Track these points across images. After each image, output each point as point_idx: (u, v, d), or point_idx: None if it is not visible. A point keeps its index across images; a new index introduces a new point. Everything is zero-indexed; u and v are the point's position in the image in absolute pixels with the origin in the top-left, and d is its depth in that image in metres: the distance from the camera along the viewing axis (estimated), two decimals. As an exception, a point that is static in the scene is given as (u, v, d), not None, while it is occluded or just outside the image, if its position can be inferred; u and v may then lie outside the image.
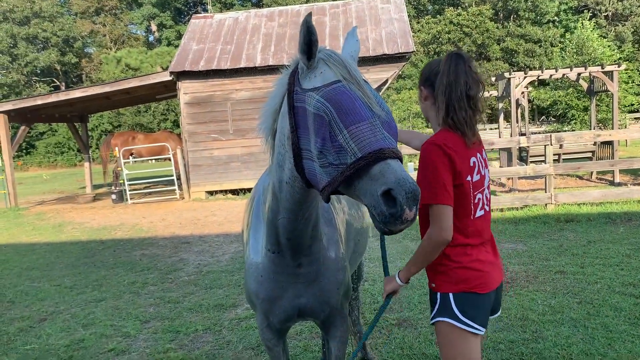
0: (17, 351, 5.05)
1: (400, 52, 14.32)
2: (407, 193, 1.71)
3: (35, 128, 45.96)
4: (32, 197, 19.64)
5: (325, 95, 1.90)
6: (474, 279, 2.41)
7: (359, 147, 1.81)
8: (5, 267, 8.72)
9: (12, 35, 47.13)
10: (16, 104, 15.53)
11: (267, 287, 2.53)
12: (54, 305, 6.39)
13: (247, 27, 16.33)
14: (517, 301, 5.29)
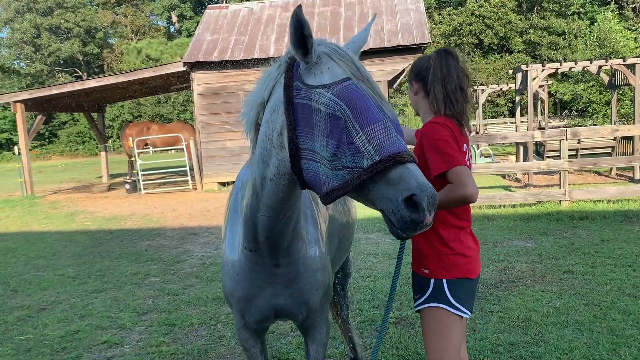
0: (13, 341, 5.03)
1: (415, 44, 14.07)
2: (429, 198, 1.67)
3: (58, 117, 46.61)
4: (50, 186, 19.88)
5: (338, 93, 1.78)
6: (465, 264, 2.51)
7: (376, 149, 1.72)
8: (14, 255, 8.78)
9: (35, 26, 47.72)
10: (32, 94, 15.67)
11: (243, 285, 2.42)
12: (55, 295, 6.39)
13: (261, 17, 16.21)
14: (521, 301, 5.11)
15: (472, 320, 4.73)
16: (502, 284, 5.65)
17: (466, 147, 2.57)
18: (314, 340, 2.64)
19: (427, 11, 44.68)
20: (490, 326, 4.58)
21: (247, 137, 2.21)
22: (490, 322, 4.68)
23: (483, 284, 5.67)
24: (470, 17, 41.37)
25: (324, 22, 15.48)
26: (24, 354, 4.72)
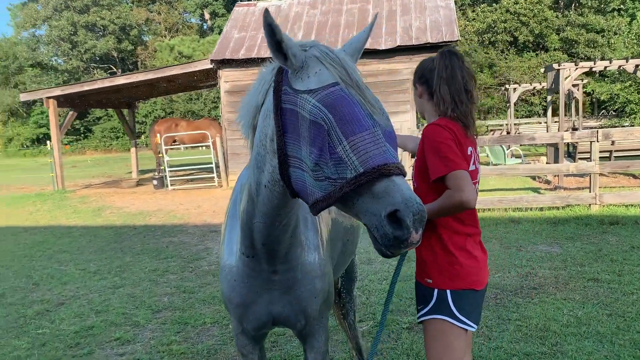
0: (29, 335, 5.11)
1: (444, 41, 13.81)
2: (415, 214, 1.55)
3: (93, 113, 47.64)
4: (81, 181, 20.29)
5: (323, 99, 1.69)
6: (471, 275, 2.41)
7: (361, 160, 1.62)
8: (40, 248, 8.96)
9: (72, 23, 48.84)
10: (64, 90, 16.00)
11: (240, 292, 2.37)
12: (75, 290, 6.48)
13: (289, 15, 16.17)
14: (540, 309, 4.92)
15: (487, 328, 4.59)
16: (523, 291, 5.47)
17: (472, 150, 2.48)
18: (312, 348, 2.57)
19: (460, 8, 44.10)
20: (506, 335, 4.43)
21: (247, 139, 2.14)
22: (507, 330, 4.52)
23: (502, 290, 5.50)
24: (505, 14, 40.50)
25: (351, 20, 15.36)
26: (38, 348, 4.78)
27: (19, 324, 5.41)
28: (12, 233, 10.55)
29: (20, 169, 29.96)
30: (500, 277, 5.94)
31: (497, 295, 5.39)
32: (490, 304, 5.13)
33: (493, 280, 5.82)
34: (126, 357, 4.53)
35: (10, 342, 4.95)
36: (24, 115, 50.69)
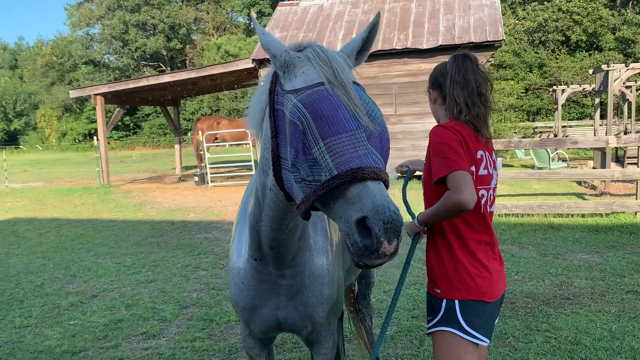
0: (62, 325, 5.27)
1: (488, 41, 13.50)
2: (386, 223, 1.46)
3: (142, 110, 48.99)
4: (127, 175, 20.87)
5: (304, 99, 1.65)
6: (481, 286, 2.31)
7: (336, 163, 1.56)
8: (80, 241, 9.25)
9: (124, 22, 50.30)
10: (111, 87, 16.49)
11: (247, 294, 2.36)
12: (109, 283, 6.64)
13: (330, 14, 16.15)
14: (572, 321, 4.72)
15: (514, 338, 4.44)
16: (555, 301, 5.27)
17: (483, 154, 2.38)
18: (319, 354, 2.54)
19: (510, 6, 43.04)
20: (533, 346, 4.27)
21: (258, 141, 2.14)
22: (534, 341, 4.36)
23: (533, 299, 5.31)
24: (557, 13, 39.23)
25: (393, 19, 15.20)
26: (68, 338, 4.92)
27: (53, 314, 5.59)
28: (56, 225, 10.95)
29: (71, 163, 31.09)
30: (533, 285, 5.75)
31: (527, 304, 5.21)
32: (520, 313, 4.97)
33: (525, 288, 5.64)
34: (150, 351, 4.60)
35: (44, 331, 5.12)
36: (77, 111, 52.60)
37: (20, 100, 55.60)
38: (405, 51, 14.04)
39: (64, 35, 58.12)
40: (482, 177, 2.37)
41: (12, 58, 73.50)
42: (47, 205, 13.91)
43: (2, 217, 12.34)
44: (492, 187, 2.46)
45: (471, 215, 2.34)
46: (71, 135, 51.86)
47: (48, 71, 55.68)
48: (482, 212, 2.37)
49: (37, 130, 55.98)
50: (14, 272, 7.27)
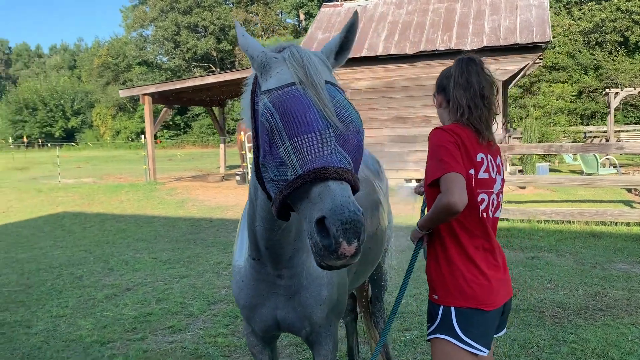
0: (95, 316, 5.47)
1: (534, 42, 13.12)
2: (345, 224, 1.45)
3: (192, 110, 50.14)
4: (174, 173, 21.42)
5: (274, 99, 1.67)
6: (478, 294, 2.26)
7: (301, 163, 1.58)
8: (121, 236, 9.57)
9: (176, 24, 51.63)
10: (158, 87, 16.96)
11: (247, 293, 2.40)
12: (143, 277, 6.85)
13: (374, 15, 16.08)
14: (602, 333, 4.55)
15: (538, 348, 4.32)
16: (587, 312, 5.08)
17: (484, 157, 2.34)
18: (319, 355, 2.54)
19: (565, 6, 41.68)
20: (557, 357, 4.14)
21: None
22: (559, 352, 4.22)
23: (564, 309, 5.14)
24: (615, 13, 37.69)
25: (437, 19, 15.00)
26: (99, 329, 5.11)
27: (88, 306, 5.81)
28: (101, 220, 11.37)
29: (122, 160, 32.17)
30: (565, 294, 5.56)
31: (557, 313, 5.05)
32: (547, 322, 4.83)
33: (556, 297, 5.47)
34: (174, 345, 4.72)
35: (77, 321, 5.34)
36: (131, 110, 54.35)
37: (78, 99, 57.91)
38: (448, 52, 13.82)
39: (119, 37, 60.26)
40: (482, 181, 2.32)
41: (71, 59, 76.84)
42: (94, 200, 14.45)
43: (53, 210, 12.91)
44: (496, 192, 2.40)
45: (469, 220, 2.30)
46: (124, 134, 53.65)
47: (104, 71, 57.83)
48: (480, 216, 2.32)
49: (92, 128, 58.18)
50: (57, 264, 7.60)
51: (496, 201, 2.41)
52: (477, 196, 2.30)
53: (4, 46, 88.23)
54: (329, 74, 1.83)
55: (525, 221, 9.02)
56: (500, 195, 2.44)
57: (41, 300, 6.01)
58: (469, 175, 2.26)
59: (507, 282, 2.42)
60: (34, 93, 55.95)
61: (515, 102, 34.98)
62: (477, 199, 2.30)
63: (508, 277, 2.44)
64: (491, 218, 2.39)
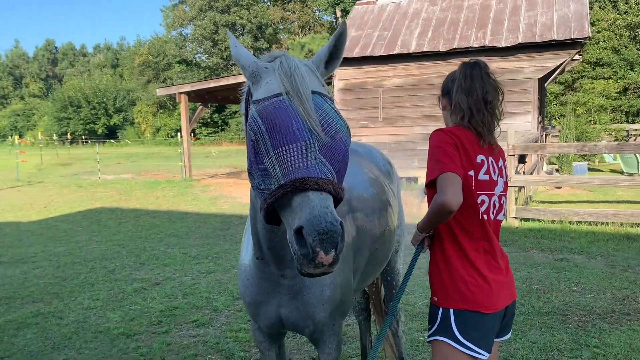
0: (123, 309, 5.66)
1: (572, 38, 12.80)
2: (321, 234, 1.51)
3: (229, 107, 50.80)
4: (210, 170, 21.78)
5: (262, 109, 1.73)
6: (479, 297, 2.25)
7: (284, 173, 1.64)
8: (154, 231, 9.83)
9: (214, 23, 52.43)
10: (194, 86, 17.29)
11: (252, 291, 2.46)
12: (172, 272, 7.03)
13: (407, 12, 15.97)
14: (627, 338, 4.44)
15: (558, 351, 4.25)
16: (613, 316, 4.96)
17: (484, 159, 2.33)
18: (322, 353, 2.58)
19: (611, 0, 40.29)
20: (577, 362, 4.07)
21: None
22: (580, 356, 4.15)
23: (589, 313, 5.04)
24: (663, 6, 36.31)
25: (471, 16, 14.78)
26: (127, 322, 5.28)
27: (117, 299, 6.01)
28: (136, 215, 11.69)
29: (161, 157, 32.87)
30: (592, 298, 5.45)
31: (581, 317, 4.95)
32: (570, 326, 4.74)
33: (582, 300, 5.36)
34: (197, 338, 4.84)
35: (107, 313, 5.53)
36: (170, 108, 55.46)
37: (120, 97, 59.44)
38: (482, 49, 13.62)
39: (160, 36, 61.55)
40: (481, 182, 2.31)
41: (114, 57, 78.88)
42: (131, 196, 14.85)
43: (91, 206, 13.34)
44: (498, 194, 2.39)
45: (468, 222, 2.30)
46: (164, 131, 54.79)
47: (145, 70, 59.23)
48: (480, 218, 2.31)
49: (134, 125, 59.64)
50: (91, 258, 7.87)
51: (498, 204, 2.40)
52: (477, 197, 2.29)
53: (51, 46, 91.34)
54: (318, 84, 1.86)
55: (556, 222, 8.84)
56: (502, 198, 2.42)
57: (74, 292, 6.24)
58: (467, 177, 2.26)
59: (510, 285, 2.40)
60: (78, 91, 57.71)
61: (556, 99, 34.13)
62: (477, 201, 2.29)
63: (511, 280, 2.42)
64: (492, 220, 2.38)
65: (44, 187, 17.51)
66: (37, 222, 11.29)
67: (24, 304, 5.88)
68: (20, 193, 16.16)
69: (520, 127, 13.14)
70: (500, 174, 2.42)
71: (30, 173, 22.49)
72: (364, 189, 2.91)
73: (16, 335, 4.98)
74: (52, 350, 4.64)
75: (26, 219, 11.72)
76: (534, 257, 7.09)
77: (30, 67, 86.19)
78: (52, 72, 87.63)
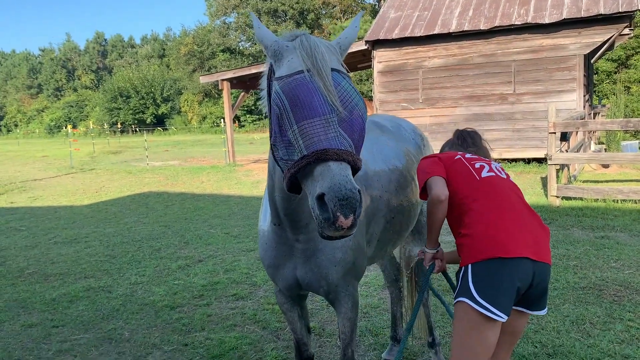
0: (168, 284, 5.95)
1: (619, 12, 12.33)
2: (341, 200, 1.66)
3: (272, 94, 51.24)
4: (253, 156, 22.15)
5: (285, 86, 1.87)
6: (498, 243, 2.24)
7: (306, 144, 1.78)
8: (198, 213, 10.17)
9: (257, 10, 52.78)
10: (235, 72, 17.58)
11: (270, 254, 2.63)
12: (214, 250, 7.30)
13: (448, -10, 15.70)
14: (663, 312, 4.38)
15: (591, 324, 4.25)
16: (651, 291, 4.89)
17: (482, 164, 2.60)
18: (339, 313, 2.72)
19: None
20: (609, 334, 4.06)
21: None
22: (612, 330, 4.13)
23: (625, 287, 4.98)
24: None
25: (514, -8, 14.42)
26: (170, 295, 5.56)
27: (162, 275, 6.31)
28: (182, 199, 12.09)
29: (207, 144, 33.59)
30: (631, 274, 5.37)
31: (617, 292, 4.90)
32: (605, 300, 4.71)
33: (620, 276, 5.29)
34: (236, 310, 5.07)
35: (152, 288, 5.83)
36: (216, 96, 56.41)
37: (167, 86, 60.86)
38: (525, 26, 13.31)
39: (204, 25, 62.43)
40: (472, 159, 2.66)
41: (160, 48, 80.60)
42: (178, 181, 15.34)
43: (140, 190, 13.87)
44: (498, 166, 2.66)
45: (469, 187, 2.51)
46: (210, 119, 55.82)
47: (190, 59, 60.31)
48: (479, 178, 2.52)
49: (181, 114, 61.01)
50: (139, 238, 8.25)
51: (503, 172, 2.61)
52: (473, 166, 2.59)
53: (101, 38, 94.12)
54: (337, 62, 1.99)
55: (600, 200, 8.64)
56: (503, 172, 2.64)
57: (122, 269, 6.59)
58: (458, 160, 2.62)
59: (537, 238, 2.33)
60: (127, 82, 59.42)
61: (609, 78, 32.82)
62: (475, 167, 2.58)
63: (540, 235, 2.36)
64: (502, 178, 2.55)
65: (95, 173, 18.29)
66: (89, 205, 11.86)
67: (77, 279, 6.26)
68: (74, 179, 16.95)
69: (565, 106, 12.83)
70: (500, 170, 2.65)
71: (83, 161, 23.49)
72: (383, 160, 3.01)
73: (69, 307, 5.33)
74: (102, 320, 4.95)
75: (79, 203, 12.32)
76: (574, 235, 6.99)
77: (82, 60, 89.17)
78: (103, 64, 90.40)
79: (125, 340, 4.47)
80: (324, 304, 5.02)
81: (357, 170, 1.84)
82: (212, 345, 4.26)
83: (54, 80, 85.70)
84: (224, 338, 4.37)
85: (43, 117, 73.02)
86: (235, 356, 4.06)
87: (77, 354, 4.25)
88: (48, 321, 4.95)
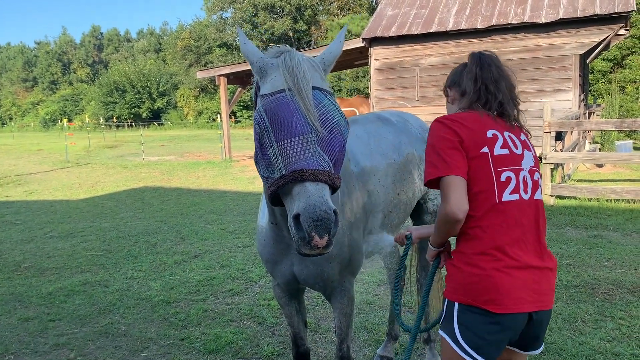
0: (164, 279, 5.98)
1: (616, 12, 12.38)
2: (315, 221, 1.72)
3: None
4: (248, 152, 22.10)
5: (267, 105, 1.92)
6: (488, 290, 1.92)
7: (285, 164, 1.84)
8: (195, 208, 10.19)
9: (254, 5, 52.67)
10: (232, 68, 17.57)
11: (268, 251, 2.68)
12: (211, 246, 7.33)
13: (446, -11, 15.73)
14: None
15: (583, 322, 4.31)
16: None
17: (496, 133, 2.05)
18: (335, 309, 2.77)
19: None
20: (600, 332, 4.12)
21: None
22: (604, 327, 4.20)
23: (617, 286, 5.05)
24: None
25: (511, -8, 14.46)
26: (167, 290, 5.60)
27: (159, 270, 6.34)
28: (178, 194, 12.12)
29: (203, 139, 33.53)
30: (622, 273, 5.44)
31: (609, 290, 4.97)
32: (597, 299, 4.77)
33: (612, 275, 5.36)
34: (232, 306, 5.11)
35: (148, 283, 5.86)
36: (212, 91, 56.28)
37: (163, 81, 60.64)
38: (522, 26, 13.35)
39: (201, 20, 62.25)
40: (498, 157, 2.02)
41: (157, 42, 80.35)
42: (174, 176, 15.35)
43: (136, 185, 13.88)
44: (528, 169, 2.07)
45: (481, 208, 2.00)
46: (206, 114, 55.70)
47: (186, 54, 60.11)
48: (497, 201, 1.99)
49: (177, 108, 60.83)
50: (135, 233, 8.27)
51: (531, 180, 2.07)
52: (499, 176, 2.00)
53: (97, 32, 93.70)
54: (319, 79, 2.04)
55: (593, 200, 8.72)
56: (536, 174, 2.10)
57: (119, 264, 6.61)
58: (483, 155, 2.01)
59: (542, 288, 2.00)
60: (123, 76, 59.15)
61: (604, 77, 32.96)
62: (500, 179, 2.00)
63: (546, 283, 2.02)
64: (527, 201, 2.04)
65: (91, 168, 18.27)
66: (85, 200, 11.87)
67: (73, 273, 6.28)
68: (70, 173, 16.93)
69: (560, 105, 12.90)
70: (526, 147, 2.12)
71: (78, 155, 23.45)
72: (381, 154, 3.05)
73: (66, 301, 5.35)
74: (98, 314, 4.98)
75: (75, 197, 12.32)
76: (567, 234, 7.06)
77: (78, 54, 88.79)
78: (98, 58, 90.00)
79: (121, 335, 4.50)
80: (319, 300, 5.07)
81: (336, 188, 1.90)
82: (209, 340, 4.29)
83: (49, 73, 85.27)
84: (220, 333, 4.41)
85: (38, 110, 72.67)
86: (232, 351, 4.11)
87: (73, 347, 4.28)
88: (44, 315, 4.98)
